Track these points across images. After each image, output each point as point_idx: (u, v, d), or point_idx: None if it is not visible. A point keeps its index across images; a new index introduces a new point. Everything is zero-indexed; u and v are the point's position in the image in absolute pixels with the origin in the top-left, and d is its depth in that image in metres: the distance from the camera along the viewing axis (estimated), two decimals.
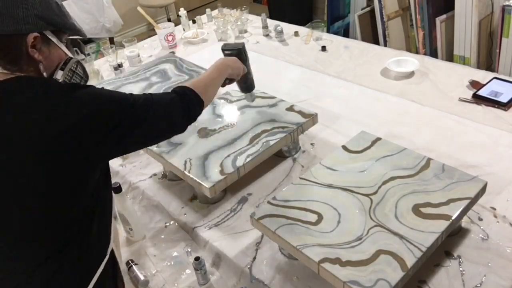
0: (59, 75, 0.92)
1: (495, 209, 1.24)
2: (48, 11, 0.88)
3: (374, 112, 1.73)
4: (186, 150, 1.41)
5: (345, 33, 3.76)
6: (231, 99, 1.65)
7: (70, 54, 0.97)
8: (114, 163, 1.65)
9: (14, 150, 0.80)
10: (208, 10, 2.81)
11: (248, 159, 1.35)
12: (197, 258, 1.16)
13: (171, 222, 1.39)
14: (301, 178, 1.24)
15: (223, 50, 1.39)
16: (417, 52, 2.98)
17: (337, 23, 3.71)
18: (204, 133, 1.48)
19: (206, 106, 1.17)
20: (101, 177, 0.94)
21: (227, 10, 2.77)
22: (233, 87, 1.73)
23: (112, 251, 1.00)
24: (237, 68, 1.32)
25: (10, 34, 0.84)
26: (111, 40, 4.07)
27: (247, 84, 1.49)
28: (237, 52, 1.37)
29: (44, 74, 0.90)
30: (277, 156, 1.53)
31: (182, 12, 2.67)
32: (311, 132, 1.60)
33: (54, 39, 0.91)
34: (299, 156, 1.55)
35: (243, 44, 1.40)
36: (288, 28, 2.50)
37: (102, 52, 3.00)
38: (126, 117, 0.90)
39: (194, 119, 1.12)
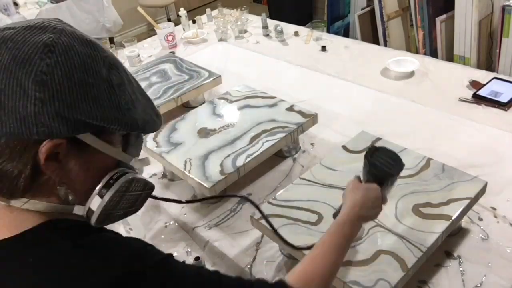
0: (95, 205, 0.60)
1: (495, 209, 1.24)
2: (88, 105, 0.55)
3: (374, 112, 1.73)
4: (186, 150, 1.41)
5: (345, 33, 3.76)
6: (231, 99, 1.65)
7: (125, 161, 0.65)
8: None
9: None
10: (208, 10, 2.81)
11: (248, 159, 1.35)
12: (197, 258, 1.16)
13: (171, 222, 1.39)
14: (301, 178, 1.24)
15: (369, 160, 0.90)
16: (417, 52, 2.98)
17: (337, 23, 3.71)
18: (204, 133, 1.48)
19: None
20: None
21: (227, 10, 2.76)
22: (234, 87, 1.74)
23: None
24: (373, 216, 0.90)
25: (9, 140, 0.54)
26: (111, 40, 4.07)
27: None
28: (392, 172, 0.91)
29: (70, 202, 0.60)
30: (277, 156, 1.53)
31: (182, 12, 2.67)
32: (311, 132, 1.60)
33: (98, 144, 0.59)
34: (299, 156, 1.55)
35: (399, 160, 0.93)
36: (288, 28, 2.50)
37: None
38: None
39: None
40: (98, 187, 0.61)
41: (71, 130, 0.54)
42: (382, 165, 0.89)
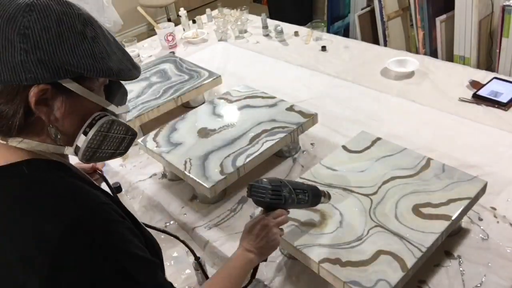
0: (81, 142, 0.70)
1: (495, 209, 1.24)
2: (65, 53, 0.64)
3: (374, 112, 1.73)
4: (186, 150, 1.41)
5: (345, 33, 3.76)
6: (231, 99, 1.65)
7: (105, 106, 0.73)
8: (114, 163, 1.65)
9: None
10: (208, 10, 2.81)
11: (248, 159, 1.35)
12: (197, 258, 1.16)
13: (171, 222, 1.39)
14: (301, 178, 1.24)
15: (251, 193, 0.96)
16: (417, 52, 2.98)
17: (337, 23, 3.71)
18: (204, 133, 1.48)
19: None
20: None
21: (227, 10, 2.76)
22: (234, 87, 1.74)
23: None
24: (269, 242, 0.94)
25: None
26: None
27: (306, 206, 1.05)
28: (265, 200, 0.95)
29: (60, 142, 0.69)
30: (277, 156, 1.53)
31: (182, 12, 2.67)
32: (311, 132, 1.60)
33: (79, 90, 0.68)
34: (299, 156, 1.55)
35: (279, 182, 0.96)
36: (288, 28, 2.50)
37: None
38: None
39: None
40: (83, 127, 0.70)
41: (52, 75, 0.64)
42: (256, 197, 0.95)
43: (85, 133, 0.70)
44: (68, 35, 0.65)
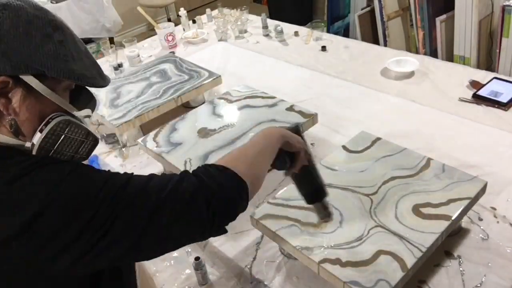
0: (36, 139, 0.70)
1: (495, 209, 1.24)
2: (28, 50, 0.66)
3: (374, 112, 1.73)
4: (186, 150, 1.41)
5: (345, 33, 3.76)
6: (231, 99, 1.65)
7: (65, 108, 0.74)
8: (114, 163, 1.65)
9: None
10: (208, 10, 2.81)
11: None
12: (197, 258, 1.16)
13: None
14: None
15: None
16: (417, 52, 2.98)
17: (337, 23, 3.72)
18: (204, 133, 1.48)
19: (254, 194, 0.84)
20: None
21: (227, 10, 2.77)
22: (234, 87, 1.74)
23: None
24: (294, 137, 0.94)
25: None
26: (111, 40, 4.06)
27: (311, 185, 1.00)
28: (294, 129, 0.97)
29: (14, 135, 0.69)
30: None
31: (182, 12, 2.67)
32: (311, 132, 1.60)
33: (40, 87, 0.69)
34: None
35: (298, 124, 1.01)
36: (288, 28, 2.50)
37: (102, 52, 3.01)
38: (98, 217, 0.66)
39: (233, 218, 0.82)
40: (41, 125, 0.70)
41: (14, 69, 0.66)
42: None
43: (41, 131, 0.70)
44: (35, 34, 0.68)
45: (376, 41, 3.26)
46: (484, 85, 1.75)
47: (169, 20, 4.90)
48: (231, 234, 1.30)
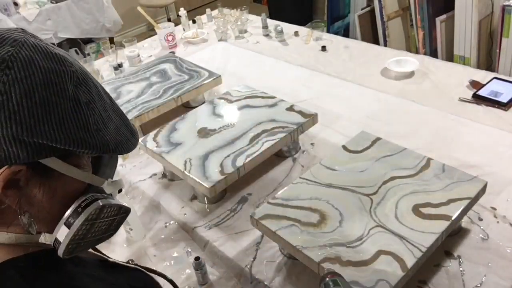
0: (62, 235, 0.54)
1: (495, 209, 1.24)
2: (50, 127, 0.50)
3: (374, 112, 1.73)
4: (186, 150, 1.41)
5: (345, 33, 3.76)
6: (231, 99, 1.65)
7: (94, 184, 0.59)
8: None
9: None
10: (208, 10, 2.81)
11: (248, 159, 1.35)
12: (197, 258, 1.16)
13: (171, 222, 1.39)
14: (301, 178, 1.24)
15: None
16: (417, 52, 2.98)
17: (337, 23, 3.72)
18: (204, 133, 1.48)
19: None
20: None
21: (227, 10, 2.76)
22: (234, 87, 1.74)
23: None
24: None
25: None
26: (111, 40, 4.06)
27: None
28: None
29: (34, 231, 0.54)
30: (277, 156, 1.53)
31: (182, 12, 2.67)
32: (311, 132, 1.60)
33: (63, 168, 0.54)
34: (299, 156, 1.55)
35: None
36: (288, 28, 2.50)
37: (102, 52, 3.01)
38: None
39: None
40: (65, 216, 0.55)
41: (31, 156, 0.49)
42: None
43: (68, 225, 0.54)
44: (56, 101, 0.50)
45: (376, 41, 3.26)
46: (484, 85, 1.75)
47: (169, 20, 4.90)
48: (231, 234, 1.30)
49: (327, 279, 0.82)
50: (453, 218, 1.06)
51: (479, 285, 1.06)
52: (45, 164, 0.52)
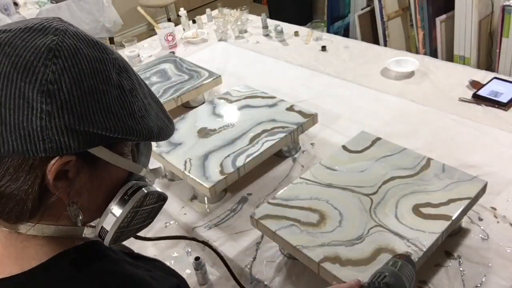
0: (109, 224, 0.56)
1: (495, 209, 1.24)
2: (100, 115, 0.50)
3: (374, 112, 1.73)
4: (186, 150, 1.41)
5: (345, 33, 3.76)
6: (231, 99, 1.65)
7: (137, 172, 0.60)
8: None
9: None
10: (208, 10, 2.81)
11: (248, 159, 1.35)
12: (197, 258, 1.16)
13: (171, 222, 1.39)
14: (301, 178, 1.24)
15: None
16: (417, 52, 2.98)
17: (337, 23, 3.72)
18: (204, 133, 1.48)
19: None
20: None
21: (227, 10, 2.76)
22: (234, 87, 1.74)
23: None
24: None
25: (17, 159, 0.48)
26: (111, 40, 4.07)
27: None
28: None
29: (79, 222, 0.55)
30: (277, 156, 1.53)
31: (182, 12, 2.67)
32: (311, 132, 1.60)
33: (109, 157, 0.54)
34: (299, 156, 1.55)
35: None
36: (288, 28, 2.50)
37: None
38: None
39: None
40: (111, 205, 0.56)
41: (83, 145, 0.49)
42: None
43: (115, 213, 0.56)
44: (103, 89, 0.50)
45: (376, 41, 3.26)
46: (484, 85, 1.75)
47: (169, 20, 4.90)
48: (231, 234, 1.30)
49: (396, 258, 0.80)
50: (453, 218, 1.06)
51: (479, 285, 1.06)
52: (93, 154, 0.52)
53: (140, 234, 0.67)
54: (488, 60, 2.96)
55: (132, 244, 1.35)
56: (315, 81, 2.00)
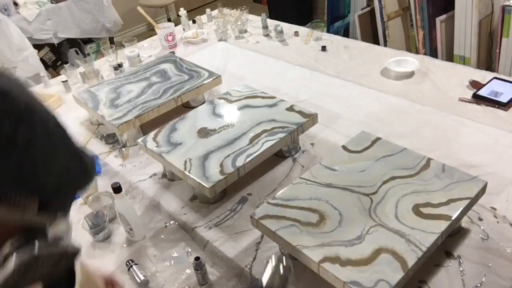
0: None
1: (495, 209, 1.24)
2: None
3: (374, 112, 1.73)
4: (186, 150, 1.41)
5: (345, 33, 3.76)
6: (231, 99, 1.65)
7: (35, 225, 0.52)
8: (114, 163, 1.65)
9: None
10: (208, 10, 2.81)
11: (248, 159, 1.35)
12: (197, 258, 1.16)
13: (171, 222, 1.39)
14: (301, 178, 1.24)
15: None
16: (417, 52, 2.98)
17: (337, 23, 3.72)
18: (204, 133, 1.48)
19: None
20: None
21: (227, 10, 2.76)
22: (234, 87, 1.74)
23: None
24: None
25: None
26: (111, 40, 4.07)
27: None
28: None
29: None
30: (277, 156, 1.53)
31: (182, 12, 2.67)
32: (311, 132, 1.60)
33: None
34: (299, 156, 1.55)
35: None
36: (288, 28, 2.50)
37: (102, 52, 3.00)
38: None
39: None
40: None
41: None
42: None
43: None
44: None
45: (376, 41, 3.26)
46: (484, 85, 1.75)
47: (169, 20, 4.89)
48: (231, 234, 1.30)
49: None
50: (453, 218, 1.06)
51: (479, 285, 1.06)
52: None
53: (140, 234, 0.66)
54: (488, 60, 2.96)
55: (130, 245, 1.35)
56: (315, 81, 2.00)
